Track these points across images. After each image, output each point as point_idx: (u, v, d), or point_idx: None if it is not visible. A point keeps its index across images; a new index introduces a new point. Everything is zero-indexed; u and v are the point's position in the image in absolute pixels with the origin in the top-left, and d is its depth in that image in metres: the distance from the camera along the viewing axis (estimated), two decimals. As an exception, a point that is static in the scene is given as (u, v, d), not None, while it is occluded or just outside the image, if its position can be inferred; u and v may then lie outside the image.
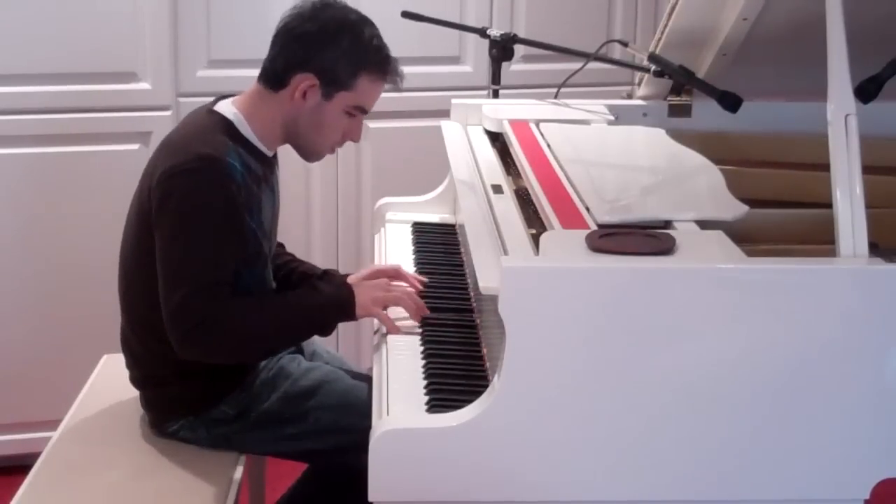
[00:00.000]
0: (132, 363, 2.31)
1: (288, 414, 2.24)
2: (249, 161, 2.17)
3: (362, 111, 2.23)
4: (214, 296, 2.07)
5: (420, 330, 2.17)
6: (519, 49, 3.05)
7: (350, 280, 2.37)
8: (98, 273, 3.13)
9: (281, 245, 2.50)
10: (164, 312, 2.09)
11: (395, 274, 2.37)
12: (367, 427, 1.81)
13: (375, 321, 2.22)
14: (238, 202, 2.11)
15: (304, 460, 2.41)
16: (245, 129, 2.20)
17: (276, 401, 2.24)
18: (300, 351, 2.43)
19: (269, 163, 2.26)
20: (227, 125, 2.18)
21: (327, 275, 2.44)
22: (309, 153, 2.28)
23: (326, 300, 2.19)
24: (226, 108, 2.22)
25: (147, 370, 2.28)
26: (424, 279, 2.38)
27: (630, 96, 2.96)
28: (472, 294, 2.34)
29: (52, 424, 2.43)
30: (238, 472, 2.23)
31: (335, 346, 3.45)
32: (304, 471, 2.53)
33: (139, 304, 2.22)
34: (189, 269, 2.07)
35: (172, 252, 2.09)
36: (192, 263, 2.07)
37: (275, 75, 2.19)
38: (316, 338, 2.39)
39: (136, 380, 2.32)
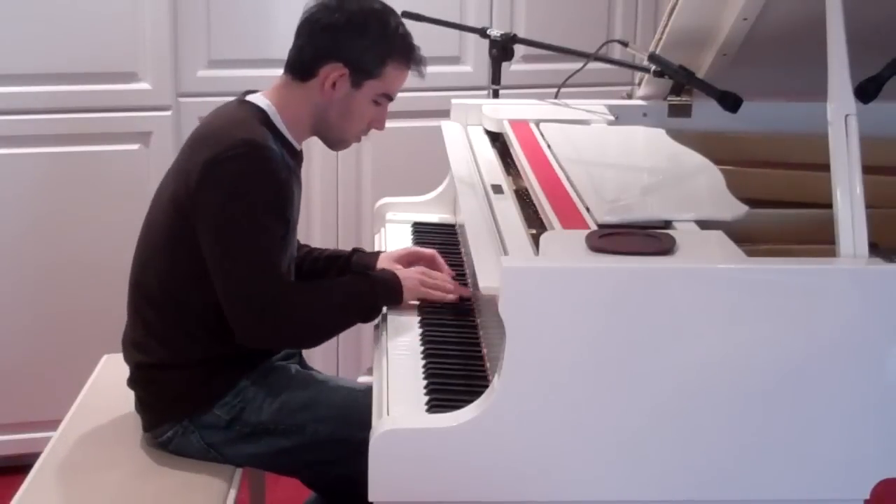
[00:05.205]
0: (135, 353, 2.28)
1: (283, 426, 2.21)
2: (283, 152, 2.19)
3: (388, 98, 2.28)
4: (276, 278, 2.12)
5: (420, 330, 2.17)
6: (519, 49, 3.05)
7: (382, 257, 2.43)
8: (98, 273, 3.13)
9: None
10: (225, 302, 2.11)
11: (432, 260, 2.40)
12: (363, 438, 1.78)
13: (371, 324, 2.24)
14: (284, 186, 2.15)
15: (293, 475, 2.34)
16: (277, 121, 2.23)
17: (272, 412, 2.22)
18: (295, 357, 2.43)
19: (298, 157, 2.29)
20: (262, 115, 2.21)
21: (357, 252, 2.48)
22: (336, 142, 2.32)
23: (377, 283, 2.25)
24: (257, 99, 2.24)
25: (150, 359, 2.24)
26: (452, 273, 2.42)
27: (630, 96, 2.95)
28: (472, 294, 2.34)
29: (52, 424, 2.43)
30: (239, 470, 2.23)
31: (335, 348, 3.46)
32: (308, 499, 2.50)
33: (165, 289, 2.21)
34: (247, 255, 2.09)
35: (226, 240, 2.10)
36: (249, 248, 2.09)
37: (303, 66, 2.22)
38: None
39: (133, 375, 2.29)
